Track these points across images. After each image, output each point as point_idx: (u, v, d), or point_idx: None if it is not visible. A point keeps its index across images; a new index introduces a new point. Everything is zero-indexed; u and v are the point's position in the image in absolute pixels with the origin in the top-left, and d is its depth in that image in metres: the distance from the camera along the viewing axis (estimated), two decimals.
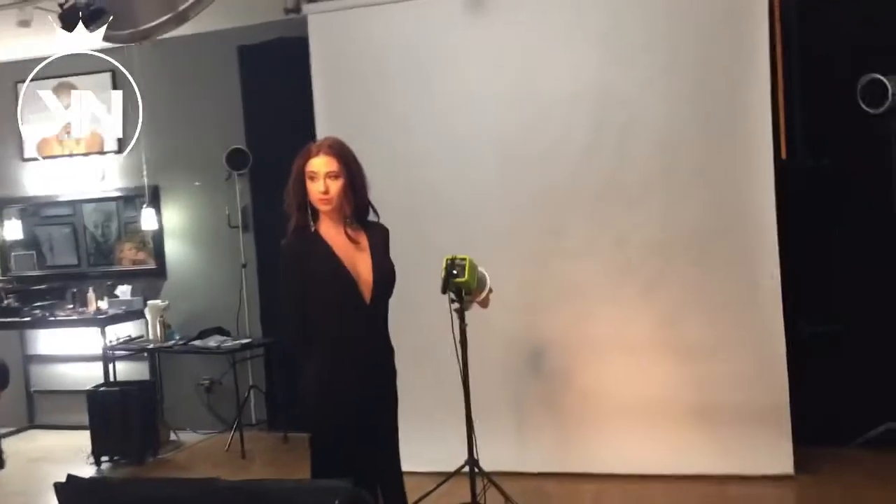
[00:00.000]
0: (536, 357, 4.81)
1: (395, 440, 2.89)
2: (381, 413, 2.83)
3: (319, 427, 2.78)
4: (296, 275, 2.71)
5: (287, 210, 2.78)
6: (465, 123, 4.91)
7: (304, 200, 2.73)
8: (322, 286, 2.69)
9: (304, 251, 2.71)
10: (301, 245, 2.73)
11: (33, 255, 6.85)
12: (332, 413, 2.73)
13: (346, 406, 2.72)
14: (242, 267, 6.15)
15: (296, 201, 2.74)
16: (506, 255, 4.72)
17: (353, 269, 2.72)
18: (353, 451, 2.73)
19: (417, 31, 5.01)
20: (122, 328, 6.32)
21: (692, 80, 4.53)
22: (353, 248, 2.75)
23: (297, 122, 5.50)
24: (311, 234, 2.74)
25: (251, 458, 5.56)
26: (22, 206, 6.77)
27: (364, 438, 2.74)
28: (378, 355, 2.81)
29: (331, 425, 2.74)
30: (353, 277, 2.71)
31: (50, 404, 6.80)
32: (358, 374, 2.73)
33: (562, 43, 4.75)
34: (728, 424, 4.56)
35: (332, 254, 2.71)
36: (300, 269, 2.70)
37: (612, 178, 4.67)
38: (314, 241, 2.73)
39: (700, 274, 4.59)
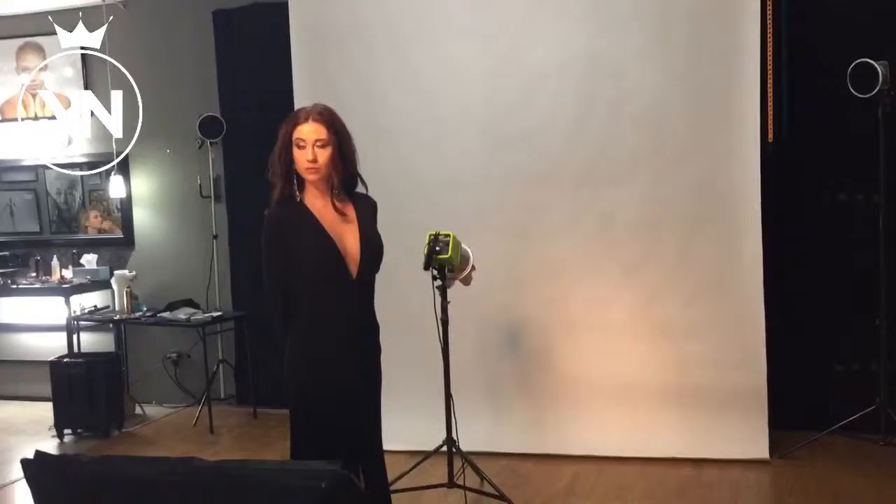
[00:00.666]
0: (515, 336, 4.75)
1: (377, 419, 2.81)
2: (365, 391, 2.73)
3: (301, 403, 2.68)
4: (280, 246, 2.59)
5: (271, 179, 2.65)
6: (448, 96, 4.80)
7: (290, 169, 2.61)
8: (307, 259, 2.58)
9: (288, 222, 2.60)
10: (286, 215, 2.61)
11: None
12: (313, 389, 2.64)
13: (328, 383, 2.63)
14: (213, 238, 6.00)
15: (281, 169, 2.61)
16: (486, 231, 4.64)
17: (339, 242, 2.61)
18: (334, 429, 2.64)
19: (400, 1, 4.88)
20: (88, 298, 6.14)
21: (683, 55, 4.46)
22: (339, 220, 2.64)
23: (274, 91, 5.36)
24: (297, 205, 2.62)
25: (219, 434, 5.45)
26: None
27: (346, 416, 2.65)
28: (363, 331, 2.72)
29: (312, 402, 2.64)
30: (339, 250, 2.60)
31: (11, 374, 6.60)
32: (341, 350, 2.64)
33: (549, 13, 4.64)
34: (706, 407, 4.54)
35: (318, 225, 2.59)
36: (284, 241, 2.58)
37: (599, 155, 4.60)
38: (299, 212, 2.61)
39: (683, 254, 4.55)
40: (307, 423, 2.65)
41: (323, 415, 2.62)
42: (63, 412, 5.49)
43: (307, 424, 2.65)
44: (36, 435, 5.59)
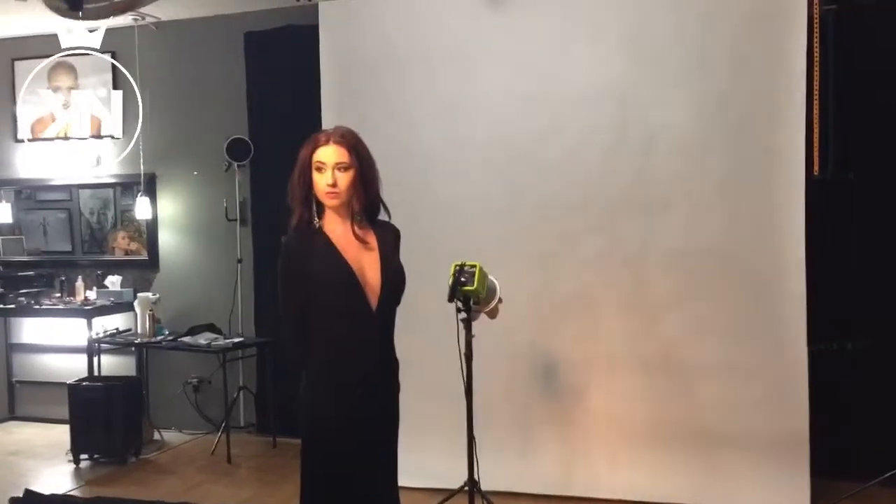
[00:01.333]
0: (544, 372, 4.56)
1: (393, 462, 2.63)
2: (381, 432, 2.55)
3: (312, 442, 2.52)
4: (297, 274, 2.44)
5: (290, 203, 2.51)
6: (478, 123, 4.68)
7: (310, 193, 2.47)
8: (324, 289, 2.43)
9: (306, 249, 2.45)
10: (303, 242, 2.46)
11: (22, 239, 6.60)
12: (326, 428, 2.47)
13: (342, 421, 2.46)
14: (238, 262, 5.90)
15: (300, 194, 2.47)
16: (515, 262, 4.49)
17: (359, 272, 2.45)
18: (346, 470, 2.47)
19: (432, 25, 4.78)
20: (110, 320, 6.06)
21: (722, 84, 4.29)
22: (360, 249, 2.48)
23: (303, 114, 5.28)
24: (315, 231, 2.47)
25: (237, 464, 5.30)
26: (15, 189, 6.51)
27: (360, 458, 2.48)
28: (382, 368, 2.54)
29: (324, 441, 2.47)
30: (358, 281, 2.44)
31: (32, 395, 6.54)
32: (358, 387, 2.47)
33: (584, 40, 4.51)
34: (744, 452, 4.32)
35: (336, 253, 2.44)
36: (301, 269, 2.43)
37: (633, 186, 4.44)
38: (318, 239, 2.46)
39: (720, 290, 4.35)
40: (319, 463, 2.49)
41: (336, 455, 2.46)
42: (80, 436, 5.39)
43: (319, 464, 2.49)
44: (53, 459, 5.49)
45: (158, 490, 4.85)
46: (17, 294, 6.10)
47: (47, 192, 6.52)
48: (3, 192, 6.43)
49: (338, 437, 2.47)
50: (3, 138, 6.46)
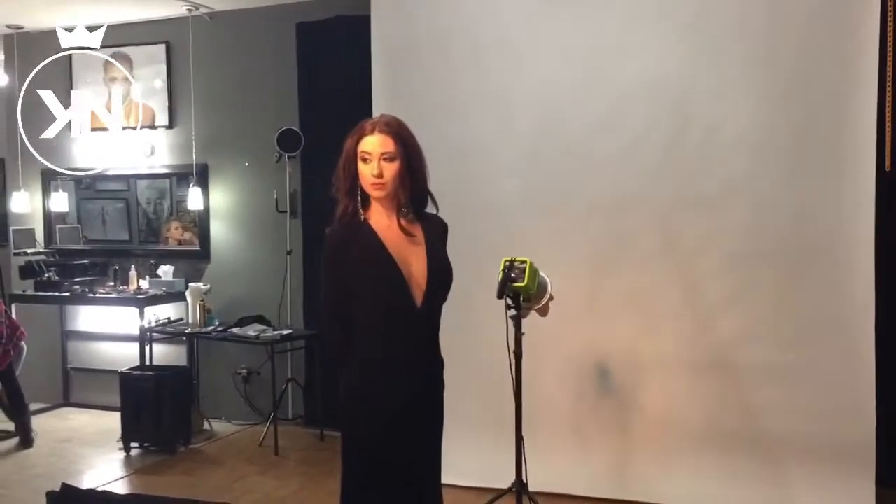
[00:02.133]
0: (596, 373, 4.43)
1: (437, 462, 2.54)
2: (425, 430, 2.47)
3: (354, 442, 2.44)
4: (340, 268, 2.36)
5: (334, 194, 2.44)
6: (529, 116, 4.55)
7: (355, 184, 2.39)
8: (368, 284, 2.35)
9: (350, 242, 2.37)
10: (348, 235, 2.38)
11: (79, 228, 6.69)
12: (369, 428, 2.39)
13: (385, 419, 2.38)
14: (288, 254, 5.88)
15: (345, 185, 2.39)
16: (568, 259, 4.36)
17: (404, 267, 2.37)
18: (388, 470, 2.39)
19: (484, 15, 4.67)
20: (162, 309, 6.10)
21: (788, 77, 4.10)
22: (406, 242, 2.39)
23: (354, 105, 5.21)
24: (360, 223, 2.39)
25: (284, 455, 5.29)
26: (72, 179, 6.60)
27: (402, 457, 2.40)
28: (426, 367, 2.45)
29: (368, 441, 2.40)
30: (403, 276, 2.35)
31: (85, 382, 6.64)
32: (401, 387, 2.38)
33: (642, 31, 4.35)
34: (805, 459, 4.14)
35: (381, 247, 2.36)
36: (344, 263, 2.35)
37: (692, 182, 4.27)
38: (362, 231, 2.38)
39: (785, 290, 4.16)
40: (361, 462, 2.41)
41: (378, 456, 2.38)
42: (131, 425, 5.43)
43: (361, 464, 2.41)
44: (104, 447, 5.54)
45: (207, 480, 4.86)
46: (73, 282, 6.18)
47: (106, 181, 6.60)
48: (61, 182, 6.53)
49: (380, 435, 2.39)
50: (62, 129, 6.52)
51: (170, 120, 6.27)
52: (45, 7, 5.83)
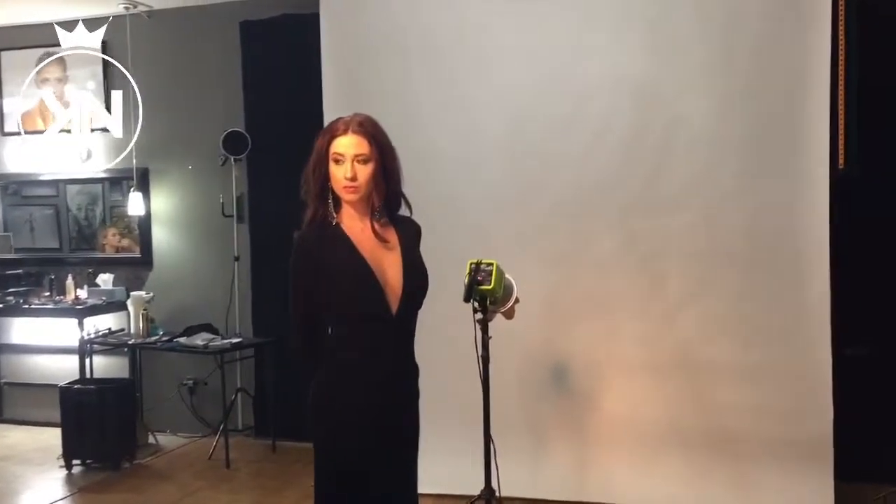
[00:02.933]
0: (557, 374, 4.39)
1: (413, 471, 2.44)
2: (400, 443, 2.36)
3: (327, 456, 2.32)
4: (310, 274, 2.24)
5: (304, 197, 2.31)
6: (489, 117, 4.49)
7: (326, 186, 2.27)
8: (340, 290, 2.23)
9: (321, 246, 2.25)
10: (318, 239, 2.26)
11: (9, 236, 6.38)
12: (342, 442, 2.28)
13: (360, 435, 2.27)
14: (235, 260, 5.71)
15: (315, 187, 2.27)
16: (528, 260, 4.30)
17: (379, 272, 2.26)
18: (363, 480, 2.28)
19: (441, 13, 4.59)
20: (102, 320, 5.85)
21: (745, 77, 4.12)
22: (380, 247, 2.29)
23: (302, 107, 5.10)
24: (332, 228, 2.28)
25: (236, 468, 5.12)
26: (1, 184, 6.29)
27: (378, 471, 2.29)
28: (401, 377, 2.35)
29: (340, 456, 2.28)
30: (378, 282, 2.25)
31: (20, 397, 6.33)
32: (376, 398, 2.28)
33: (601, 30, 4.33)
34: (764, 458, 4.16)
35: (355, 252, 2.25)
36: (315, 268, 2.24)
37: (651, 182, 4.27)
38: (334, 236, 2.27)
39: (741, 290, 4.19)
40: (334, 479, 2.29)
41: (352, 467, 2.27)
42: (72, 441, 5.18)
43: (334, 481, 2.30)
44: (43, 465, 5.28)
45: (155, 497, 4.67)
46: (6, 293, 5.89)
47: (33, 187, 6.30)
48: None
49: (354, 445, 2.27)
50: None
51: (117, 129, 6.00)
52: None
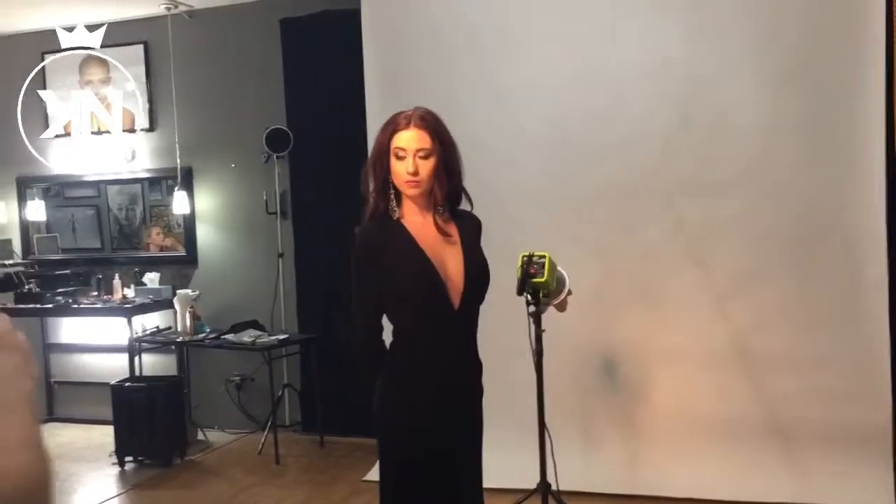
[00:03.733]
0: (607, 367, 4.36)
1: (478, 468, 2.43)
2: (464, 439, 2.36)
3: (392, 453, 2.32)
4: (372, 270, 2.24)
5: (364, 193, 2.31)
6: (528, 107, 4.46)
7: (387, 182, 2.26)
8: (403, 286, 2.23)
9: (383, 242, 2.24)
10: (379, 235, 2.26)
11: (56, 237, 6.48)
12: (408, 438, 2.28)
13: (425, 431, 2.26)
14: (279, 257, 5.73)
15: (376, 183, 2.27)
16: (571, 253, 4.21)
17: (440, 268, 2.25)
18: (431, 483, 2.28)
19: (480, 6, 4.57)
20: (150, 318, 5.92)
21: (793, 59, 4.05)
22: (442, 243, 2.28)
23: (344, 103, 5.11)
24: (393, 223, 2.27)
25: (285, 464, 5.15)
26: (43, 186, 6.38)
27: (445, 470, 2.29)
28: (464, 371, 2.34)
29: (407, 452, 2.28)
30: (440, 278, 2.24)
31: (71, 396, 6.42)
32: (440, 394, 2.27)
33: (641, 15, 4.28)
34: (820, 448, 4.10)
35: (416, 247, 2.24)
36: (377, 265, 2.23)
37: (698, 168, 4.21)
38: (396, 231, 2.26)
39: (793, 279, 4.12)
40: (400, 474, 2.29)
41: (418, 465, 2.27)
42: (124, 439, 5.25)
43: (400, 476, 2.30)
44: (96, 462, 5.36)
45: (209, 493, 4.72)
46: (55, 293, 5.97)
47: (75, 188, 6.39)
48: (35, 190, 6.31)
49: (418, 439, 2.27)
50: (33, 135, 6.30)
51: (150, 123, 6.08)
52: (20, 9, 5.61)
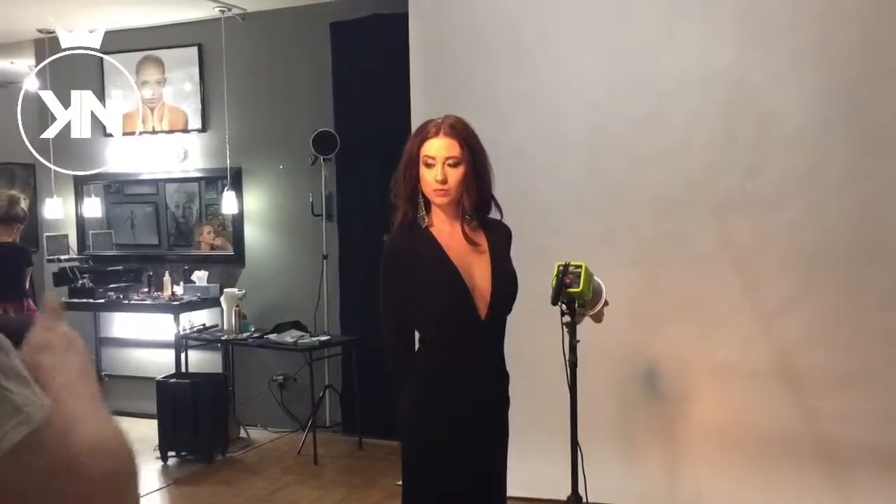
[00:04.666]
0: (647, 379, 4.29)
1: (503, 484, 2.40)
2: (490, 453, 2.34)
3: (414, 457, 2.32)
4: (400, 278, 2.24)
5: (393, 200, 2.31)
6: (576, 112, 4.42)
7: (416, 190, 2.26)
8: (430, 294, 2.22)
9: (410, 251, 2.25)
10: (407, 243, 2.26)
11: (111, 233, 6.63)
12: (429, 443, 2.27)
13: (450, 442, 2.25)
14: (324, 258, 5.78)
15: (405, 191, 2.27)
16: (614, 263, 4.19)
17: (468, 277, 2.24)
18: (451, 489, 2.27)
19: (526, 12, 4.54)
20: (197, 315, 6.03)
21: (846, 67, 3.93)
22: (470, 251, 2.27)
23: (390, 107, 5.12)
24: (421, 231, 2.27)
25: (323, 464, 5.18)
26: (104, 183, 6.55)
27: (467, 479, 2.27)
28: (491, 382, 2.32)
29: (431, 463, 2.28)
30: (468, 286, 2.22)
31: (120, 389, 6.55)
32: (464, 401, 2.26)
33: (691, 20, 4.21)
34: (867, 468, 3.97)
35: (444, 256, 2.23)
36: (405, 273, 2.23)
37: (745, 180, 4.12)
38: (424, 239, 2.26)
39: (844, 292, 4.00)
40: (423, 481, 2.29)
41: (441, 472, 2.26)
42: (168, 434, 5.35)
43: (423, 482, 2.29)
44: (141, 455, 5.39)
45: (247, 491, 4.77)
46: (107, 289, 6.12)
47: (134, 186, 6.54)
48: (92, 187, 6.47)
49: (442, 447, 2.26)
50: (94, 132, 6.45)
51: (202, 123, 6.19)
52: (76, 11, 5.76)
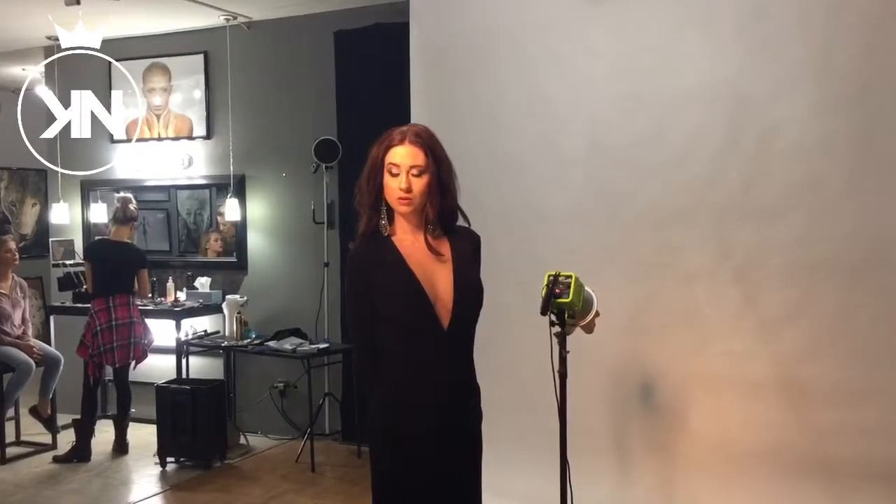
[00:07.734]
0: (641, 392, 4.23)
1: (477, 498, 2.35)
2: (460, 464, 2.28)
3: (380, 471, 2.28)
4: (363, 288, 2.21)
5: (357, 207, 2.29)
6: (574, 124, 4.36)
7: (379, 197, 2.23)
8: (392, 304, 2.19)
9: (373, 260, 2.22)
10: (370, 252, 2.23)
11: None
12: (395, 458, 2.23)
13: (413, 452, 2.21)
14: (325, 266, 5.78)
15: (369, 198, 2.24)
16: (613, 275, 4.16)
17: (429, 287, 2.19)
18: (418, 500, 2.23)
19: (528, 23, 4.50)
20: (199, 322, 6.04)
21: (849, 80, 3.85)
22: (432, 261, 2.23)
23: (392, 115, 5.07)
24: (383, 240, 2.24)
25: (321, 472, 5.18)
26: (113, 189, 6.59)
27: (434, 493, 2.23)
28: (457, 393, 2.27)
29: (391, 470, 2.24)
30: (428, 297, 2.18)
31: None
32: (428, 411, 2.21)
33: (692, 33, 4.14)
34: (866, 485, 3.87)
35: (405, 266, 2.20)
36: (368, 282, 2.20)
37: (746, 191, 4.04)
38: (386, 249, 2.23)
39: (844, 305, 3.91)
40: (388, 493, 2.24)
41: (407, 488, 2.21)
42: (167, 439, 5.36)
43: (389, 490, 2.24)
44: (140, 461, 5.49)
45: (242, 498, 4.77)
46: None
47: (146, 192, 6.57)
48: (100, 193, 6.52)
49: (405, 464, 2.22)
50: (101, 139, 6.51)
51: (207, 130, 6.22)
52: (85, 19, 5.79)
